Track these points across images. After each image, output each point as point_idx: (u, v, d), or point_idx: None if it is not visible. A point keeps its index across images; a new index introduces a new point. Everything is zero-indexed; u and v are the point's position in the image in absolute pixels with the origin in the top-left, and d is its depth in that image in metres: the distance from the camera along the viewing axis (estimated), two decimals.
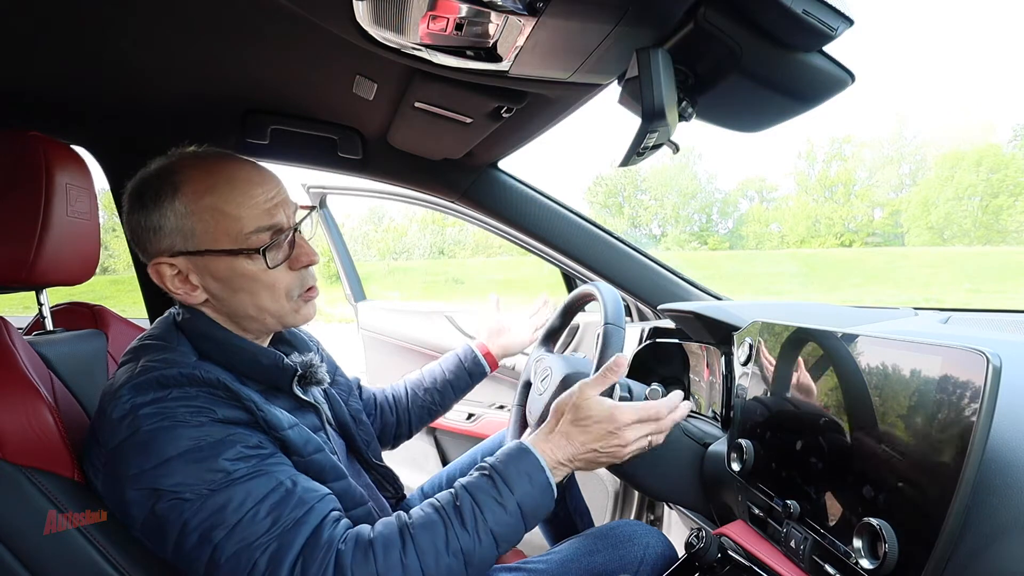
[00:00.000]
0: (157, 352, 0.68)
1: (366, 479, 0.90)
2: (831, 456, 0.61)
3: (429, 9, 0.67)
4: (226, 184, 0.69)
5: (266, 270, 0.71)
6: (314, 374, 0.80)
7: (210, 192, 0.68)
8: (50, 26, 0.77)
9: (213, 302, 0.72)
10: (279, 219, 0.71)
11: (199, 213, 0.68)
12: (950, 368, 0.50)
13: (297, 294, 0.75)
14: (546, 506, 0.69)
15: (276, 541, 0.59)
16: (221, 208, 0.68)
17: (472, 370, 1.16)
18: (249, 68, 0.93)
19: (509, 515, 0.65)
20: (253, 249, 0.69)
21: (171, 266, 0.70)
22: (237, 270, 0.70)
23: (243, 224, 0.69)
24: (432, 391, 1.14)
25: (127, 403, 0.61)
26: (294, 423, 0.70)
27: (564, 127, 1.08)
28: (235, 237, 0.69)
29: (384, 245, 33.06)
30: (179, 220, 0.68)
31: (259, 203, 0.70)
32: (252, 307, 0.72)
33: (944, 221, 28.57)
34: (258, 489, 0.61)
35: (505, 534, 0.65)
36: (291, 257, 0.73)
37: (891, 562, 0.49)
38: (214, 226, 0.68)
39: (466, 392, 1.18)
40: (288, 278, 0.73)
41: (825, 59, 0.63)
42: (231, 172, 0.70)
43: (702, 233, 37.52)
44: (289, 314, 0.75)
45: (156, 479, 0.59)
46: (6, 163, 0.76)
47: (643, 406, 0.74)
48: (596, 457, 0.72)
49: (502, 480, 0.67)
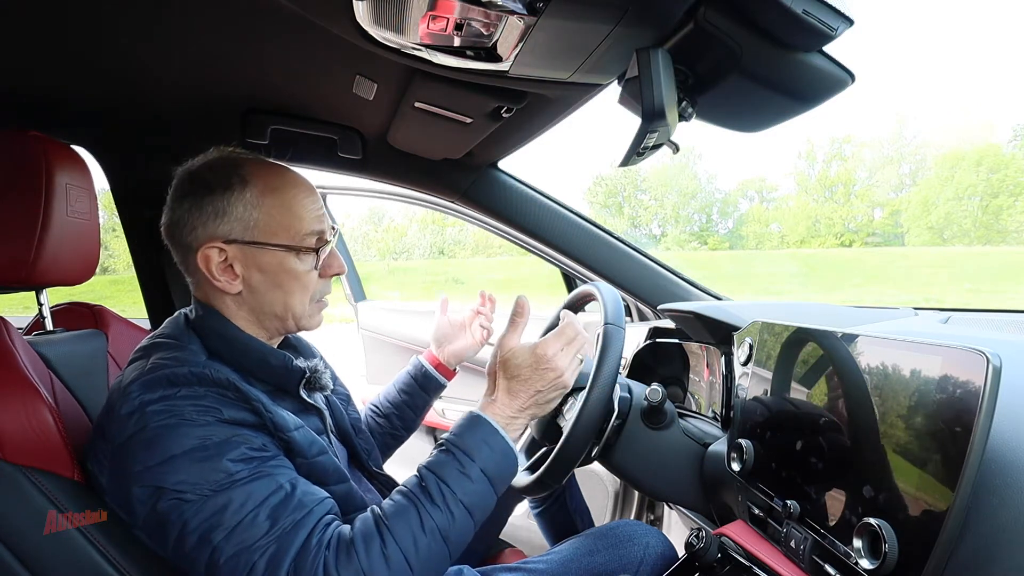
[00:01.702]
0: (168, 350, 0.68)
1: (368, 486, 0.91)
2: (831, 456, 0.61)
3: (429, 9, 0.67)
4: (292, 187, 0.75)
5: (309, 271, 0.75)
6: (319, 379, 0.81)
7: (278, 190, 0.74)
8: (50, 26, 0.77)
9: (245, 294, 0.74)
10: (324, 228, 0.77)
11: (266, 207, 0.72)
12: (950, 368, 0.50)
13: (318, 299, 0.79)
14: (510, 467, 0.70)
15: (275, 544, 0.59)
16: (287, 206, 0.73)
17: (425, 384, 1.10)
18: (249, 68, 0.93)
19: (475, 483, 0.67)
20: (309, 248, 0.75)
21: (220, 251, 0.72)
22: (285, 266, 0.74)
23: (303, 225, 0.74)
24: (390, 416, 1.10)
25: (136, 400, 0.62)
26: (299, 425, 0.71)
27: (564, 127, 1.08)
28: (293, 235, 0.74)
29: (384, 245, 33.07)
30: (246, 209, 0.72)
31: (314, 210, 0.76)
32: (281, 305, 0.75)
33: (944, 221, 28.57)
34: (258, 492, 0.61)
35: (476, 503, 0.66)
36: (324, 265, 0.78)
37: (891, 562, 0.49)
38: (277, 221, 0.73)
39: (426, 409, 1.13)
40: (318, 283, 0.78)
41: (825, 59, 0.63)
42: (293, 178, 0.76)
43: (702, 233, 37.53)
44: (306, 317, 0.78)
45: (160, 476, 0.59)
46: (6, 163, 0.76)
47: (558, 331, 0.77)
48: (543, 397, 0.74)
49: (461, 451, 0.68)
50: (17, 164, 0.76)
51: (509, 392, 0.74)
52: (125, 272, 16.54)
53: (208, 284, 0.73)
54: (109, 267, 18.95)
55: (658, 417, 0.91)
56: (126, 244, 1.25)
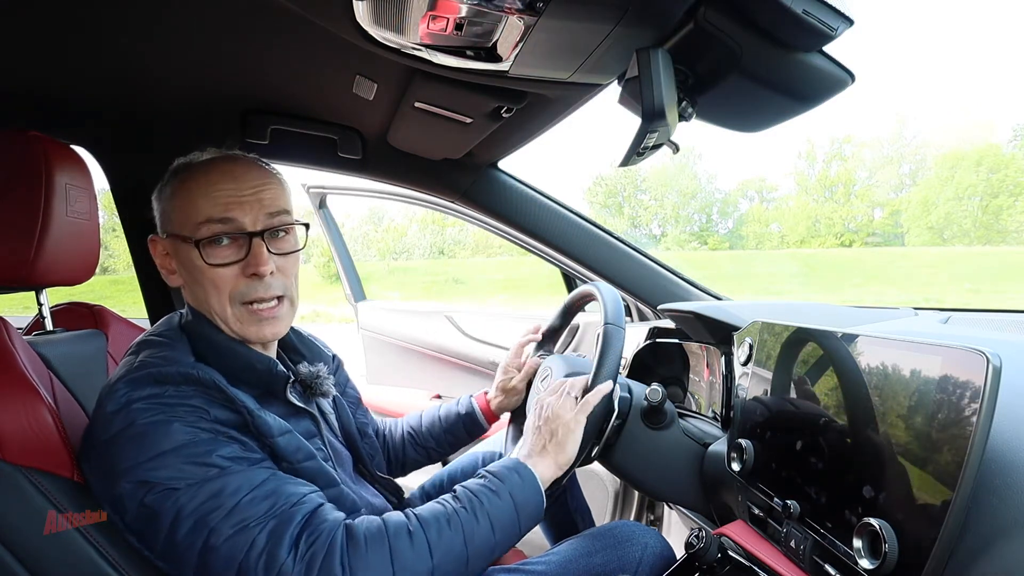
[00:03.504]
0: (158, 349, 0.68)
1: (372, 490, 0.91)
2: (831, 456, 0.61)
3: (429, 9, 0.67)
4: (203, 174, 0.70)
5: (207, 266, 0.69)
6: (319, 385, 0.81)
7: (190, 179, 0.71)
8: (50, 26, 0.77)
9: (184, 289, 0.75)
10: (234, 215, 0.69)
11: (175, 196, 0.72)
12: (950, 368, 0.50)
13: (240, 301, 0.71)
14: (536, 499, 0.73)
15: (275, 519, 0.60)
16: (188, 194, 0.70)
17: (471, 429, 1.09)
18: (249, 68, 0.93)
19: (503, 501, 0.71)
20: (196, 239, 0.69)
21: (160, 244, 0.74)
22: (190, 259, 0.71)
23: (197, 212, 0.69)
24: (428, 448, 1.09)
25: (123, 397, 0.62)
26: (286, 430, 0.70)
27: (564, 127, 1.08)
28: (189, 225, 0.70)
29: (384, 245, 33.04)
30: (164, 201, 0.73)
31: (221, 195, 0.69)
32: (204, 302, 0.73)
33: (944, 221, 28.55)
34: (253, 478, 0.62)
35: (499, 519, 0.69)
36: (244, 262, 0.71)
37: (891, 562, 0.49)
38: (179, 210, 0.71)
39: (462, 447, 1.12)
40: (234, 282, 0.71)
41: (825, 59, 0.63)
42: (218, 164, 0.72)
43: (702, 233, 37.51)
44: (233, 321, 0.72)
45: (148, 471, 0.59)
46: (6, 163, 0.76)
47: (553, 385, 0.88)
48: (548, 427, 0.81)
49: (493, 476, 0.73)
50: (17, 164, 0.76)
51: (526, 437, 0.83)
52: (125, 272, 16.55)
53: (164, 278, 0.76)
54: (109, 267, 18.95)
55: (658, 417, 0.91)
56: (126, 244, 1.25)
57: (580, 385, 0.86)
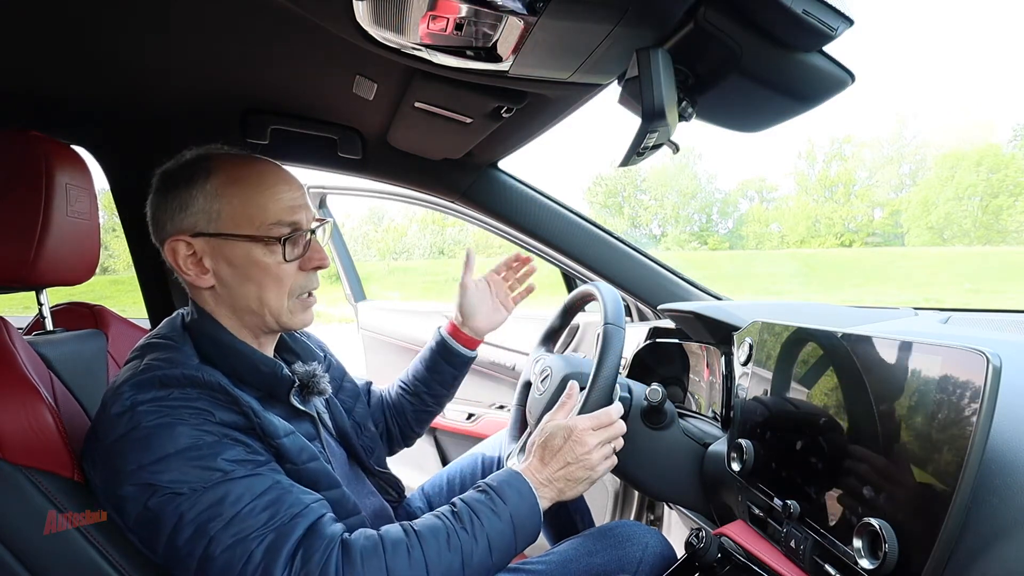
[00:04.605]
0: (162, 351, 0.69)
1: (369, 486, 0.91)
2: (831, 456, 0.61)
3: (429, 9, 0.67)
4: (256, 176, 0.73)
5: (280, 263, 0.73)
6: (316, 385, 0.81)
7: (241, 180, 0.72)
8: (50, 26, 0.77)
9: (219, 289, 0.73)
10: (299, 218, 0.75)
11: (227, 196, 0.71)
12: (950, 368, 0.50)
13: (298, 295, 0.77)
14: (534, 520, 0.73)
15: (273, 533, 0.60)
16: (249, 195, 0.72)
17: (449, 359, 1.08)
18: (249, 68, 0.93)
19: (503, 523, 0.70)
20: (274, 238, 0.72)
21: (187, 245, 0.72)
22: (252, 258, 0.72)
23: (267, 214, 0.72)
24: (420, 395, 1.09)
25: (127, 400, 0.62)
26: (290, 431, 0.71)
27: (564, 127, 1.09)
28: (258, 225, 0.72)
29: (384, 245, 33.06)
30: (207, 201, 0.71)
31: (283, 199, 0.73)
32: (255, 299, 0.73)
33: (944, 221, 28.56)
34: (255, 486, 0.62)
35: (498, 542, 0.69)
36: (304, 257, 0.76)
37: (891, 562, 0.49)
38: (240, 211, 0.71)
39: (457, 381, 1.11)
40: (296, 277, 0.76)
41: (825, 59, 0.63)
42: (262, 168, 0.75)
43: (702, 233, 37.52)
44: (286, 314, 0.76)
45: (153, 474, 0.59)
46: (6, 163, 0.76)
47: (596, 412, 0.80)
48: (570, 472, 0.77)
49: (495, 493, 0.72)
50: (17, 164, 0.76)
51: (541, 459, 0.78)
52: (125, 272, 16.54)
53: (186, 280, 0.74)
54: (109, 267, 18.95)
55: (658, 417, 0.91)
56: (126, 244, 1.25)
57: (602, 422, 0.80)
